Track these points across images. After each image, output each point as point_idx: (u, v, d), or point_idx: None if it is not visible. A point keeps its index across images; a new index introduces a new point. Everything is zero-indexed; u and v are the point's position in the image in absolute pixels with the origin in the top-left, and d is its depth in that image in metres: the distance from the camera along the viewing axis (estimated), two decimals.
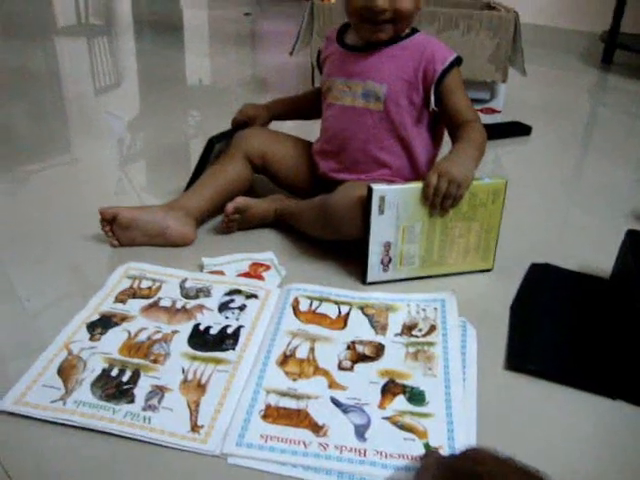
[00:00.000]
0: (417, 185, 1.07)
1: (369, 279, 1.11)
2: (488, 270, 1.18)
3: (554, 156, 1.91)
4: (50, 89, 2.60)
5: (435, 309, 1.03)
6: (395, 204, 1.06)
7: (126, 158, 1.83)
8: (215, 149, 1.35)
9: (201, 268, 1.15)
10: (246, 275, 1.14)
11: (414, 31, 1.24)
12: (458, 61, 1.22)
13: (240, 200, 1.24)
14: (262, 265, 1.17)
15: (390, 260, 1.11)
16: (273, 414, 0.81)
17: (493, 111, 2.15)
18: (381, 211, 1.06)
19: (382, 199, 1.05)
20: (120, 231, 1.20)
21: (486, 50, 2.02)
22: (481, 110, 2.13)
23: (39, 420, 0.79)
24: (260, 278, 1.13)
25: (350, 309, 1.03)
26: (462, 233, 1.13)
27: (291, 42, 2.17)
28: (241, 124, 1.41)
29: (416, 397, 0.85)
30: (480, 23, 1.99)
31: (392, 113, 1.21)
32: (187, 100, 2.42)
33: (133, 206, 1.25)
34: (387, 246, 1.10)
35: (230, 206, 1.22)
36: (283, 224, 1.29)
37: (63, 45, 3.67)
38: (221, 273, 1.14)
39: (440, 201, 1.06)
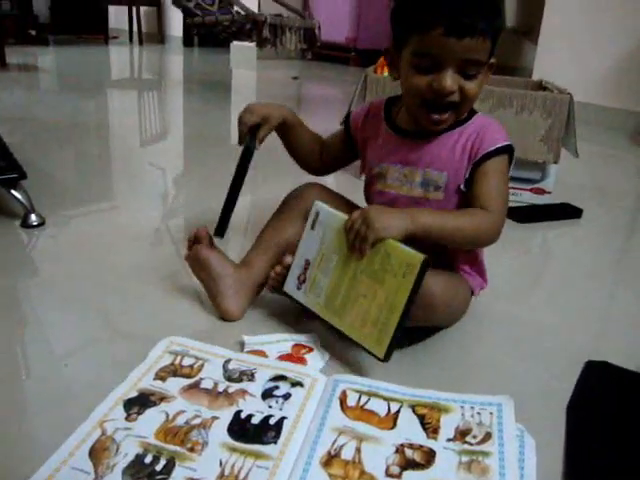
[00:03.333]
0: (344, 216, 1.07)
1: (285, 288, 1.15)
2: (381, 360, 1.02)
3: (606, 241, 1.86)
4: (98, 140, 2.69)
5: (491, 414, 0.96)
6: (323, 224, 1.10)
7: (166, 211, 1.85)
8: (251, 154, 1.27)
9: (242, 345, 1.11)
10: (288, 357, 1.09)
11: (472, 112, 1.16)
12: (509, 150, 1.14)
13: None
14: (304, 347, 1.12)
15: (304, 281, 1.10)
16: None
17: (543, 192, 2.10)
18: (312, 226, 1.12)
19: (317, 215, 1.11)
20: (192, 256, 1.22)
21: (539, 130, 1.99)
22: (531, 190, 2.10)
23: None
24: (302, 361, 1.08)
25: (400, 407, 0.96)
26: (367, 294, 1.03)
27: (336, 107, 2.18)
28: (255, 127, 1.26)
29: None
30: (534, 103, 1.97)
31: (451, 202, 1.15)
32: (231, 158, 2.44)
33: (218, 249, 1.24)
34: (307, 264, 1.10)
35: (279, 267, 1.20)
36: None
37: (114, 98, 3.81)
38: (262, 353, 1.09)
39: (353, 237, 1.04)
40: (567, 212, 2.00)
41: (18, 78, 4.13)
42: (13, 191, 1.60)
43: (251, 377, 1.00)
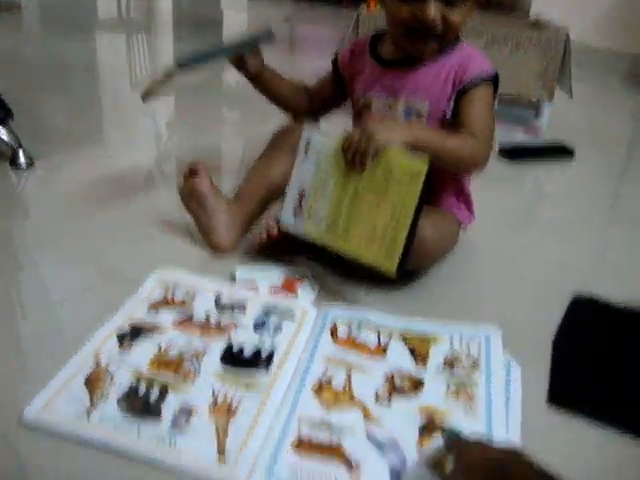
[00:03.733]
0: (340, 136, 1.05)
1: (281, 222, 1.11)
2: (392, 276, 1.02)
3: (597, 181, 1.86)
4: (87, 82, 2.63)
5: (479, 344, 0.97)
6: (317, 149, 1.07)
7: (159, 155, 1.83)
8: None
9: (233, 277, 1.12)
10: (280, 289, 1.10)
11: (457, 42, 1.15)
12: (494, 79, 1.13)
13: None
14: (296, 279, 1.13)
15: (301, 211, 1.09)
16: (305, 446, 0.77)
17: (536, 131, 2.10)
18: (305, 152, 1.09)
19: (308, 141, 1.08)
20: (187, 190, 1.22)
21: (534, 68, 1.97)
22: (525, 129, 2.08)
23: (62, 436, 0.76)
24: (293, 291, 1.10)
25: (390, 338, 0.98)
26: (371, 209, 1.02)
27: (328, 48, 2.15)
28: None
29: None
30: (529, 41, 1.95)
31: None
32: (222, 101, 2.45)
33: (213, 184, 1.23)
34: (301, 195, 1.09)
35: (268, 221, 1.19)
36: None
37: (102, 39, 3.72)
38: (253, 284, 1.10)
39: (353, 154, 1.02)
40: (559, 152, 1.99)
41: (0, 18, 4.02)
42: (0, 130, 1.58)
43: (242, 310, 1.01)
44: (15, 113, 1.61)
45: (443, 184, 1.21)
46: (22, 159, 1.58)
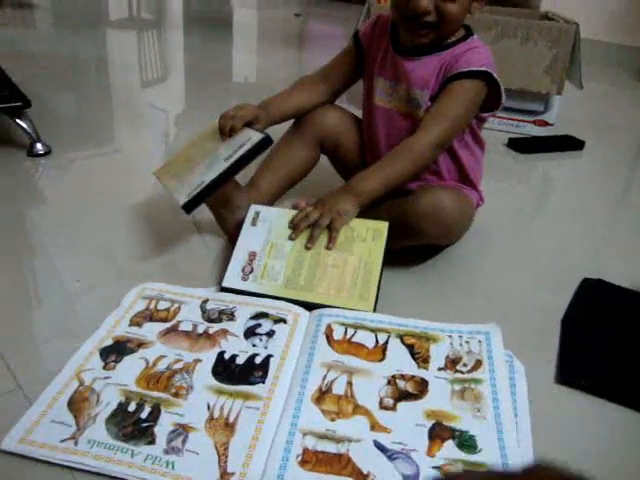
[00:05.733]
0: (290, 211, 1.13)
1: (224, 283, 1.05)
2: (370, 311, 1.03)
3: (606, 173, 1.86)
4: (98, 79, 2.65)
5: (479, 342, 0.94)
6: (268, 220, 1.13)
7: (169, 151, 1.79)
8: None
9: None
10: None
11: (469, 35, 1.15)
12: (483, 76, 1.11)
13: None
14: None
15: (252, 271, 1.06)
16: (312, 459, 0.72)
17: (546, 123, 2.08)
18: (254, 224, 1.13)
19: (257, 214, 1.14)
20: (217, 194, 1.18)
21: (543, 61, 1.95)
22: (534, 122, 2.07)
23: (47, 462, 0.70)
24: None
25: (388, 338, 0.94)
26: (336, 264, 1.06)
27: (338, 45, 2.13)
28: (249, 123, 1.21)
29: (467, 443, 0.77)
30: (539, 33, 1.93)
31: None
32: (232, 97, 2.43)
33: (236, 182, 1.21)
34: (252, 256, 1.08)
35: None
36: None
37: (113, 37, 3.74)
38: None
39: (305, 226, 1.09)
40: (568, 144, 1.99)
41: (14, 15, 3.99)
42: (18, 120, 1.60)
43: (231, 316, 0.96)
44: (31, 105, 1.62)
45: (448, 174, 1.22)
46: (40, 147, 1.61)
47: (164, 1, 5.44)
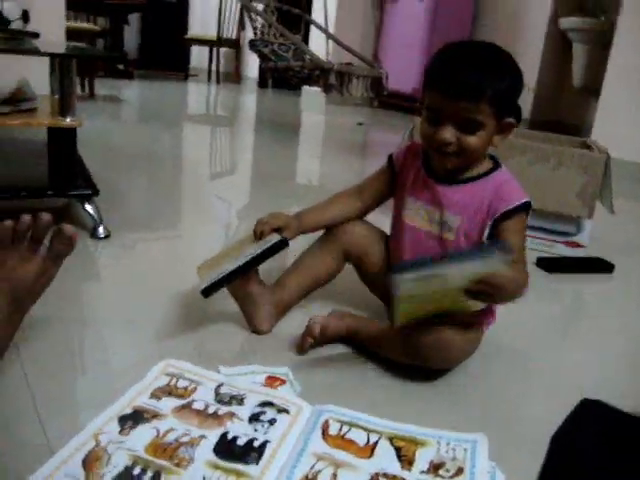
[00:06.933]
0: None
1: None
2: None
3: (636, 296, 1.91)
4: (171, 169, 2.89)
5: (465, 450, 1.00)
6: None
7: (228, 241, 1.95)
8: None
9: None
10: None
11: (497, 167, 1.28)
12: (526, 207, 1.23)
13: (323, 321, 1.26)
14: (277, 379, 1.16)
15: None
16: None
17: (578, 245, 2.14)
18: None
19: None
20: (236, 284, 1.31)
21: (575, 186, 2.04)
22: (566, 243, 2.14)
23: None
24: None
25: (379, 438, 1.01)
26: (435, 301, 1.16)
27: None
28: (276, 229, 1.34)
29: None
30: (571, 160, 2.03)
31: (460, 244, 1.25)
32: (293, 197, 2.60)
33: (258, 279, 1.34)
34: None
35: (316, 329, 1.24)
36: (354, 342, 1.31)
37: (189, 131, 4.08)
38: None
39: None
40: (598, 266, 2.05)
41: (103, 108, 4.41)
42: (86, 206, 1.80)
43: (241, 401, 1.06)
44: (101, 191, 1.83)
45: None
46: (101, 232, 1.79)
47: (239, 102, 5.76)
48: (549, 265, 1.99)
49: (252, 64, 7.33)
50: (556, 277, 1.95)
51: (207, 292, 1.25)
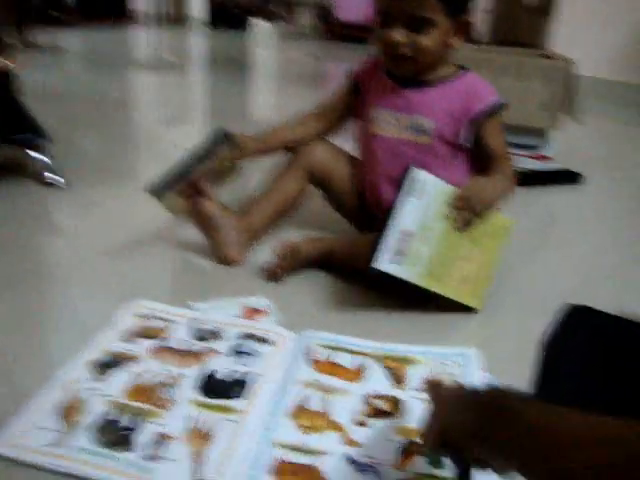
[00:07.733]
0: (450, 187, 1.13)
1: (375, 264, 1.05)
2: (474, 311, 1.15)
3: (605, 205, 1.91)
4: (122, 118, 2.77)
5: (458, 364, 0.97)
6: (427, 194, 1.11)
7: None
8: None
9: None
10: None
11: (465, 70, 1.26)
12: (502, 106, 1.23)
13: (294, 244, 1.23)
14: (257, 311, 1.11)
15: (402, 253, 1.08)
16: (282, 469, 0.76)
17: (544, 158, 2.11)
18: (411, 193, 1.10)
19: (419, 182, 1.11)
20: (194, 210, 1.26)
21: (538, 97, 2.01)
22: (532, 156, 2.11)
23: (34, 466, 0.74)
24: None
25: (367, 360, 0.97)
26: (465, 255, 1.13)
27: None
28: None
29: (438, 459, 0.79)
30: (534, 70, 1.99)
31: (437, 147, 1.23)
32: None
33: (219, 202, 1.28)
34: (406, 235, 1.09)
35: (287, 250, 1.21)
36: (328, 265, 1.27)
37: (138, 77, 3.97)
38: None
39: (463, 213, 1.13)
40: (565, 177, 2.03)
41: (44, 59, 4.18)
42: (37, 153, 1.72)
43: (218, 336, 1.00)
44: (55, 142, 1.75)
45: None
46: (56, 180, 1.69)
47: (185, 45, 5.61)
48: (517, 179, 1.95)
49: (195, 2, 7.11)
50: (525, 190, 1.92)
51: (155, 191, 1.23)
